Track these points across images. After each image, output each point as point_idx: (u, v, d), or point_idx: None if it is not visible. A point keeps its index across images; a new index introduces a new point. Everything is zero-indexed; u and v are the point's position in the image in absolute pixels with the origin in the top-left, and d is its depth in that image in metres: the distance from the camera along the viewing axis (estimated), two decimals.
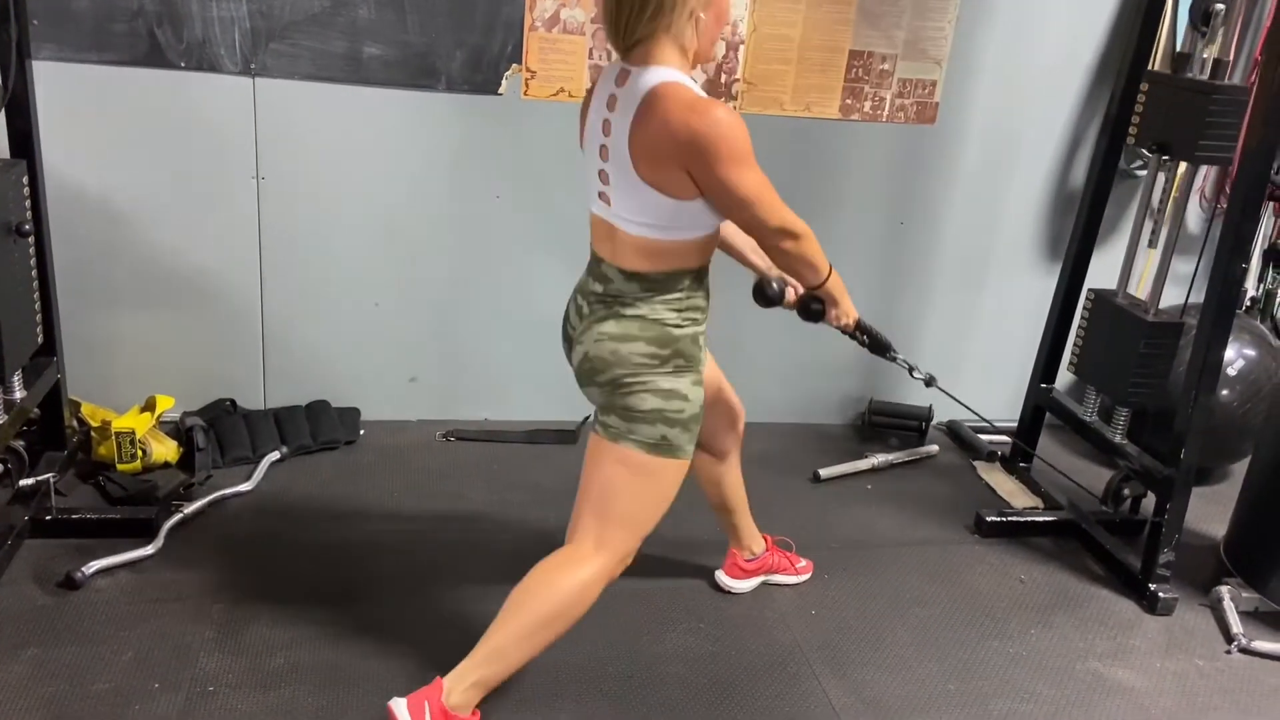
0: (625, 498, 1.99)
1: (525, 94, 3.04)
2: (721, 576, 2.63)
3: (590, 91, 2.01)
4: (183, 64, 2.84)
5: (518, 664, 2.00)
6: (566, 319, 2.11)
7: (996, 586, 2.78)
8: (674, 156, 1.79)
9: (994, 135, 3.37)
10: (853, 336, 2.27)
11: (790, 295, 2.18)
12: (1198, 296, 2.87)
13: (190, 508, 2.72)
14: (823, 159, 3.29)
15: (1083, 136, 3.42)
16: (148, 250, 3.01)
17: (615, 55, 1.93)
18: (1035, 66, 3.32)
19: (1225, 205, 3.40)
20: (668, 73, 1.83)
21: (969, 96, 3.31)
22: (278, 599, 2.44)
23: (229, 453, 3.00)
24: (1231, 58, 2.66)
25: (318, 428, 3.16)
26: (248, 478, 2.91)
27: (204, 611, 2.37)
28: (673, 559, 2.71)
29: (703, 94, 1.83)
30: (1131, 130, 2.89)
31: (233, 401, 3.20)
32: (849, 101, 3.24)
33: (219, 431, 3.05)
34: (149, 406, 2.97)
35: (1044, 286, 3.46)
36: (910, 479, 3.31)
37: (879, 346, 2.34)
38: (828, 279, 2.06)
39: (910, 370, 2.44)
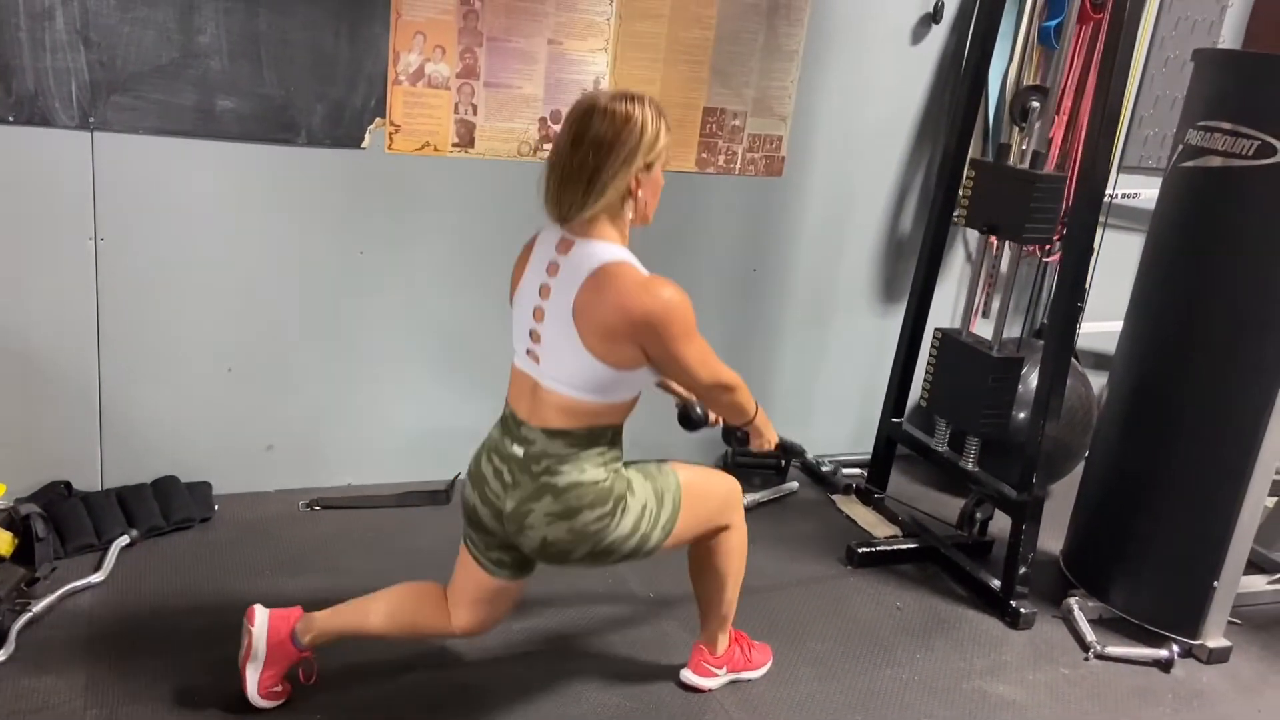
0: (697, 528, 2.21)
1: (389, 148, 2.97)
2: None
3: (527, 249, 2.06)
4: (11, 118, 2.59)
5: (734, 603, 2.42)
6: (484, 480, 2.09)
7: (877, 615, 2.91)
8: (628, 334, 1.90)
9: (833, 186, 3.58)
10: (769, 455, 2.43)
11: (714, 417, 2.31)
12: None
13: (39, 605, 2.45)
14: (680, 210, 3.38)
15: (909, 187, 3.69)
16: None
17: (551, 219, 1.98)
18: (866, 124, 3.56)
19: (1042, 254, 3.78)
20: (613, 250, 1.93)
21: (811, 151, 3.51)
22: (157, 696, 2.24)
23: (71, 541, 2.72)
24: (1047, 149, 2.98)
25: (169, 506, 2.92)
26: (98, 567, 2.65)
27: (78, 719, 2.14)
28: (579, 619, 2.70)
29: (646, 272, 1.93)
30: (960, 213, 3.16)
31: (67, 484, 2.91)
32: (704, 155, 3.35)
33: (56, 518, 2.76)
34: None
35: (882, 325, 3.70)
36: (778, 517, 3.42)
37: (791, 454, 2.50)
38: (755, 417, 2.21)
39: (818, 466, 2.61)
